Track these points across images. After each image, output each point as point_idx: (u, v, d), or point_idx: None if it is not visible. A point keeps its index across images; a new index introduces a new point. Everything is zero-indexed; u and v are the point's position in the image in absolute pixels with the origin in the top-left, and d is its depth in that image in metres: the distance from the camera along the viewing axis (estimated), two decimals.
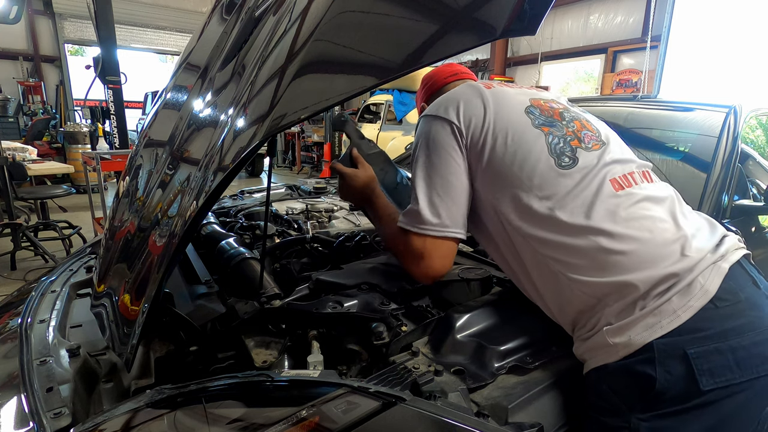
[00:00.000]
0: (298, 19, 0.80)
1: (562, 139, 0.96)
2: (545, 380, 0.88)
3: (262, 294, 1.12)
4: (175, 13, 11.51)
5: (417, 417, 0.69)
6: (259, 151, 0.77)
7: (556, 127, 0.98)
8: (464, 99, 1.01)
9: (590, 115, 1.08)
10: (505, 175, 0.94)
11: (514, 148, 0.94)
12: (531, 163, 0.92)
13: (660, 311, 0.80)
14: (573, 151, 0.94)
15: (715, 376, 0.77)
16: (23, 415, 0.78)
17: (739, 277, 0.86)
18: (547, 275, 0.91)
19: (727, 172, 1.55)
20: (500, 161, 0.95)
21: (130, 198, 1.20)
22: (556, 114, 1.02)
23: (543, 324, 0.98)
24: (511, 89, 1.07)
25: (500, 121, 0.97)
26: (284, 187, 2.46)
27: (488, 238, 1.03)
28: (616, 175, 0.92)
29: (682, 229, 0.87)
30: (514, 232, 0.94)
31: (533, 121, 0.98)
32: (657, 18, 6.41)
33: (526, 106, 1.01)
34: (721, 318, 0.80)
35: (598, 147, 0.97)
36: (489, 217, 0.99)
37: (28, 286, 1.46)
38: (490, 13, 0.68)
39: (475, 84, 1.06)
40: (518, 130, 0.96)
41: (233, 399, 0.75)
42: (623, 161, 0.96)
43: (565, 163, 0.92)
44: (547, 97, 1.08)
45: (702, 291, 0.80)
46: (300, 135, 10.71)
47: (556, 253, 0.88)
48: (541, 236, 0.89)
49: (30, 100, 10.03)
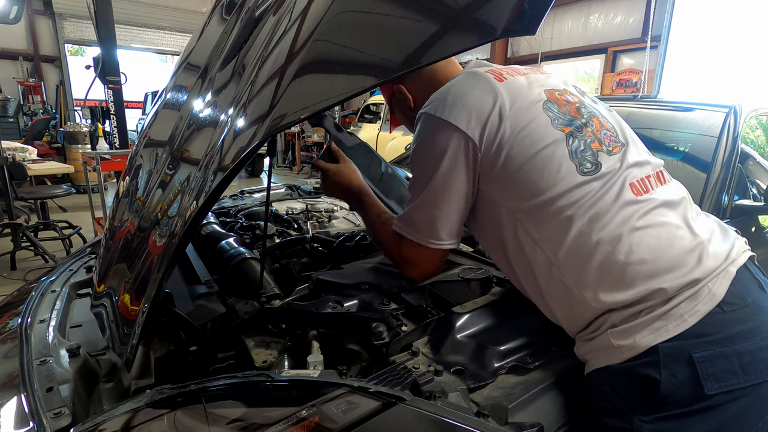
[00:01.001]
0: (298, 19, 0.80)
1: (584, 142, 0.90)
2: (545, 380, 0.88)
3: (262, 294, 1.12)
4: (175, 13, 11.50)
5: (417, 417, 0.69)
6: (259, 151, 0.77)
7: (576, 126, 0.92)
8: (476, 100, 0.92)
9: (602, 106, 1.03)
10: (523, 182, 0.88)
11: (532, 152, 0.88)
12: (552, 170, 0.87)
13: (667, 315, 0.79)
14: (595, 156, 0.89)
15: (720, 380, 0.77)
16: (23, 415, 0.78)
17: (746, 280, 0.85)
18: (559, 289, 0.88)
19: (727, 172, 1.55)
20: (518, 167, 0.88)
21: (130, 198, 1.20)
22: (574, 110, 0.96)
23: (543, 324, 0.98)
24: (523, 78, 0.98)
25: (518, 124, 0.89)
26: (284, 187, 2.46)
27: (494, 244, 0.99)
28: (635, 179, 0.89)
29: (698, 235, 0.85)
30: (527, 242, 0.90)
31: (553, 121, 0.91)
32: (657, 18, 6.41)
33: (543, 101, 0.94)
34: (728, 322, 0.80)
35: (618, 149, 0.92)
36: (499, 223, 0.94)
37: (28, 286, 1.46)
38: (490, 13, 0.68)
39: (485, 76, 0.96)
40: (538, 134, 0.89)
41: (233, 399, 0.75)
42: (641, 164, 0.92)
43: (587, 169, 0.87)
44: (559, 87, 1.01)
45: (710, 295, 0.80)
46: (300, 135, 10.71)
47: (571, 265, 0.85)
48: (558, 248, 0.86)
49: (30, 100, 10.02)
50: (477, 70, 1.00)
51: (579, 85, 1.09)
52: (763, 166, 2.01)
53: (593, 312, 0.85)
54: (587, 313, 0.86)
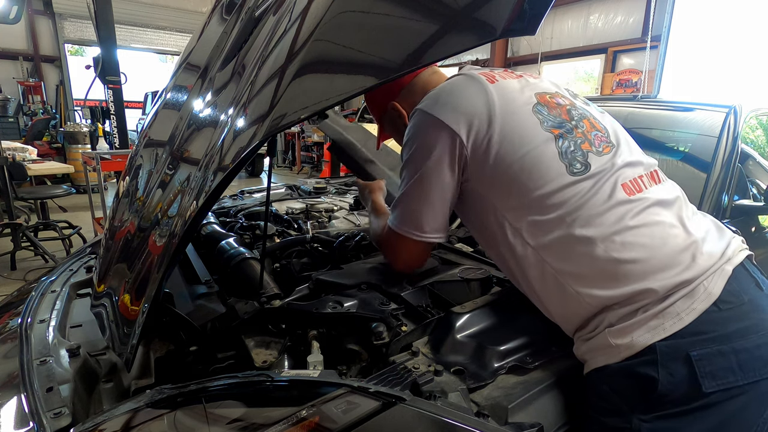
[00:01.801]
0: (298, 19, 0.80)
1: (573, 143, 0.91)
2: (545, 380, 0.88)
3: (262, 294, 1.12)
4: (175, 13, 11.50)
5: (417, 417, 0.69)
6: (259, 151, 0.77)
7: (566, 128, 0.93)
8: (467, 101, 0.94)
9: (594, 108, 1.04)
10: (512, 182, 0.90)
11: (522, 153, 0.89)
12: (541, 170, 0.88)
13: (663, 314, 0.79)
14: (584, 156, 0.90)
15: (718, 378, 0.77)
16: (23, 415, 0.78)
17: (743, 279, 0.85)
18: (552, 287, 0.89)
19: (727, 172, 1.55)
20: (507, 167, 0.90)
21: (130, 198, 1.20)
22: (564, 112, 0.97)
23: (543, 324, 0.98)
24: (515, 82, 1.00)
25: (507, 125, 0.91)
26: (284, 187, 2.46)
27: (488, 242, 1.01)
28: (627, 179, 0.89)
29: (692, 234, 0.86)
30: (519, 241, 0.91)
31: (542, 123, 0.93)
32: (657, 18, 6.41)
33: (533, 104, 0.95)
34: (724, 321, 0.80)
35: (609, 150, 0.93)
36: (491, 222, 0.96)
37: (28, 286, 1.46)
38: (490, 13, 0.68)
39: (478, 78, 0.99)
40: (527, 135, 0.91)
41: (233, 399, 0.75)
42: (633, 164, 0.93)
43: (576, 169, 0.88)
44: (551, 90, 1.02)
45: (706, 294, 0.80)
46: (300, 135, 10.71)
47: (563, 264, 0.86)
48: (549, 247, 0.87)
49: (30, 100, 10.03)
50: (470, 72, 1.03)
51: (572, 88, 1.10)
52: (763, 166, 2.01)
53: (588, 309, 0.85)
54: (582, 310, 0.86)
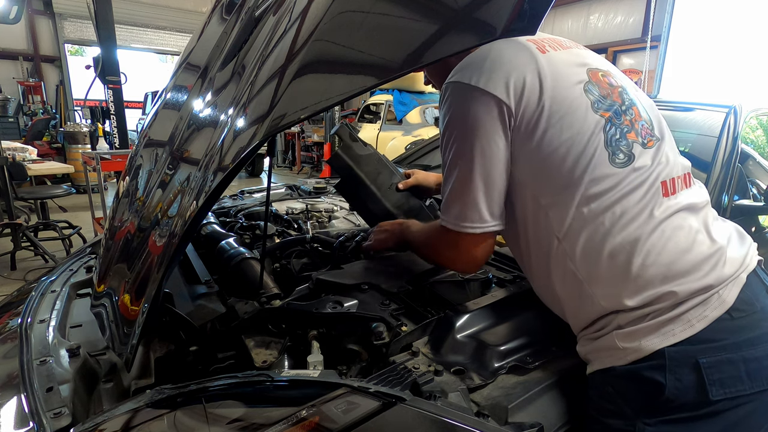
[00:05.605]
0: (298, 19, 0.80)
1: (620, 131, 0.85)
2: (545, 380, 0.88)
3: (262, 294, 1.12)
4: (175, 13, 11.51)
5: (417, 417, 0.69)
6: (259, 151, 0.77)
7: (616, 112, 0.86)
8: (516, 68, 0.84)
9: (643, 96, 0.97)
10: (556, 168, 0.83)
11: (569, 135, 0.82)
12: (586, 157, 0.82)
13: (675, 320, 0.78)
14: (629, 147, 0.84)
15: (725, 386, 0.76)
16: (23, 415, 0.78)
17: (755, 286, 0.85)
18: (570, 282, 0.86)
19: (727, 172, 1.55)
20: (553, 151, 0.83)
21: (130, 198, 1.20)
22: (616, 95, 0.89)
23: (543, 324, 0.98)
24: (565, 54, 0.91)
25: (557, 103, 0.83)
26: (284, 187, 2.46)
27: (512, 226, 0.93)
28: (666, 178, 0.85)
29: (717, 241, 0.84)
30: (549, 230, 0.86)
31: (593, 104, 0.85)
32: (657, 18, 6.42)
33: (584, 81, 0.87)
34: (736, 329, 0.79)
35: (653, 144, 0.87)
36: (521, 207, 0.90)
37: (28, 286, 1.46)
38: (490, 13, 0.68)
39: (527, 45, 0.88)
40: (577, 116, 0.83)
41: (233, 399, 0.75)
42: (673, 163, 0.88)
43: (619, 160, 0.83)
44: (603, 67, 0.94)
45: (719, 302, 0.79)
46: (300, 135, 10.71)
47: (586, 260, 0.83)
48: (576, 243, 0.83)
49: (30, 100, 10.04)
50: (521, 40, 0.90)
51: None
52: (763, 166, 2.01)
53: (600, 310, 0.84)
54: (594, 309, 0.85)
